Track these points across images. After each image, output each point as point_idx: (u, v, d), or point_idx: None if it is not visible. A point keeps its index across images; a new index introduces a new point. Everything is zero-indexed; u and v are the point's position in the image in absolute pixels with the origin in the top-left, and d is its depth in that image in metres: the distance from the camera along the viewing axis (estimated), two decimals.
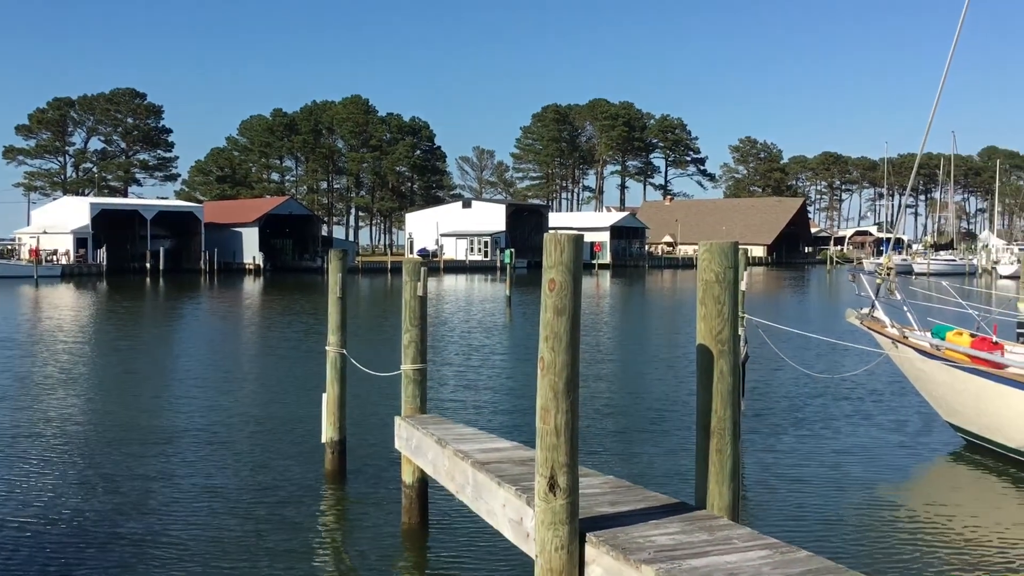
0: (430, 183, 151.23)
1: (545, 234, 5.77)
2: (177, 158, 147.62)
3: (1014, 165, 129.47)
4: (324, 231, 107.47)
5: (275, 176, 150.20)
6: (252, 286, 65.51)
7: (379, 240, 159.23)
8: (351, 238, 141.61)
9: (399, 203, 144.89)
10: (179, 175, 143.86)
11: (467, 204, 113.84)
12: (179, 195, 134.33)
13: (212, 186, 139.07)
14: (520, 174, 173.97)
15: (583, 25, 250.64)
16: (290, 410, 16.04)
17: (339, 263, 11.77)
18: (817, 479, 11.98)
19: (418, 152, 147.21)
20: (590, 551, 5.52)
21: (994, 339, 13.24)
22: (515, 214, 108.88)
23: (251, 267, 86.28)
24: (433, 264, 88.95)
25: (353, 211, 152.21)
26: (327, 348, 11.82)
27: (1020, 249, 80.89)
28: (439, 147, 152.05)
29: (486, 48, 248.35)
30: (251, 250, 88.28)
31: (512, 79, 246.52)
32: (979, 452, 13.29)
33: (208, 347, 26.75)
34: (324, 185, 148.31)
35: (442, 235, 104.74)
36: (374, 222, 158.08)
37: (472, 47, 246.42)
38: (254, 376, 20.76)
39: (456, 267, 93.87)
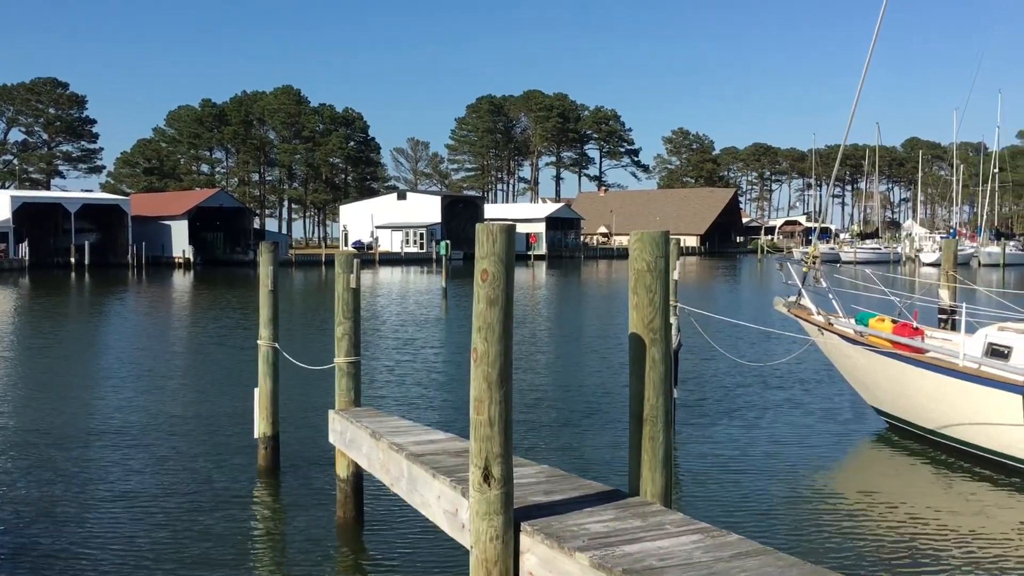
0: (364, 175, 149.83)
1: (477, 225, 5.76)
2: (102, 149, 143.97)
3: (935, 156, 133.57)
4: (256, 224, 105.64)
5: (205, 168, 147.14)
6: (182, 280, 64.13)
7: (313, 233, 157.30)
8: (284, 231, 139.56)
9: (333, 195, 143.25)
10: (104, 167, 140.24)
11: (402, 196, 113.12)
12: (104, 188, 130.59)
13: (139, 178, 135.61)
14: (455, 166, 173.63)
15: (517, 16, 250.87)
16: (221, 406, 15.76)
17: (270, 256, 11.59)
18: (748, 464, 12.22)
19: (352, 143, 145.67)
20: (525, 540, 5.54)
21: (914, 325, 13.65)
22: (450, 206, 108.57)
23: (181, 261, 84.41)
24: (368, 256, 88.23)
25: (286, 203, 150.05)
26: (259, 342, 11.64)
27: (942, 237, 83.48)
28: (373, 138, 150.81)
29: (420, 39, 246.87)
30: (180, 243, 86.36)
31: (446, 70, 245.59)
32: (901, 435, 13.70)
33: (134, 344, 26.10)
34: (256, 177, 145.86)
35: (377, 227, 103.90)
36: (308, 214, 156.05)
37: (406, 38, 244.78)
38: (183, 373, 20.33)
39: (391, 259, 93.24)
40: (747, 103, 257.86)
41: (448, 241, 69.35)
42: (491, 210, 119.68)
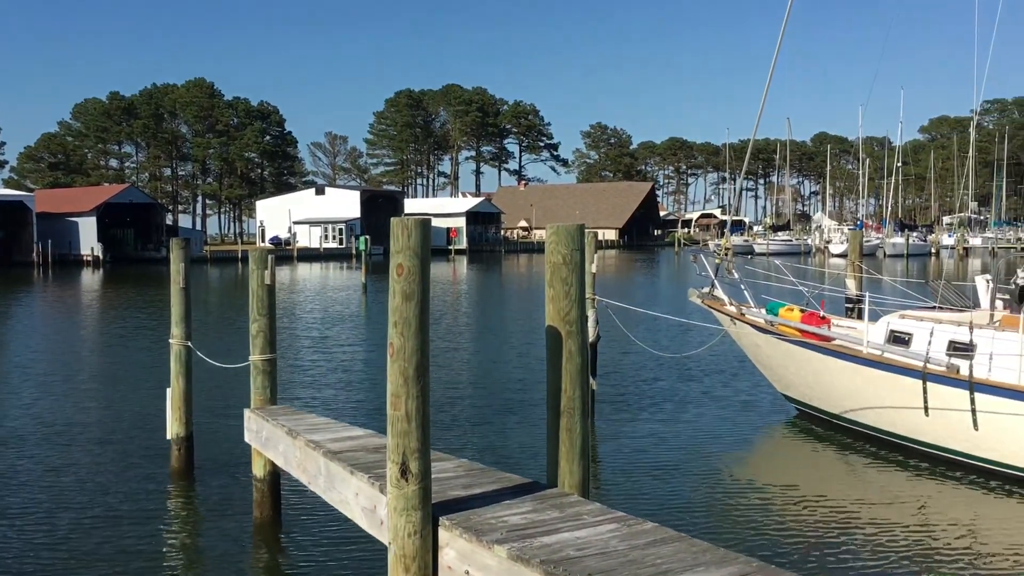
0: (281, 169, 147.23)
1: (392, 219, 5.72)
2: (3, 144, 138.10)
3: (843, 150, 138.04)
4: (169, 220, 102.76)
5: (114, 163, 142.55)
6: (90, 279, 62.01)
7: (229, 229, 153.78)
8: (198, 227, 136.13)
9: (249, 190, 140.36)
10: (6, 162, 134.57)
11: (320, 191, 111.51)
12: (7, 183, 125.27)
13: (44, 174, 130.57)
14: (374, 160, 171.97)
15: (435, 9, 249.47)
16: (131, 409, 15.31)
17: (181, 252, 11.31)
18: (665, 454, 12.46)
19: (268, 138, 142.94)
20: (443, 535, 5.54)
21: (821, 314, 14.10)
22: (370, 200, 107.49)
23: (89, 259, 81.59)
24: (286, 252, 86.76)
25: (200, 199, 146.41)
26: (170, 341, 11.35)
27: (849, 229, 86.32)
28: (290, 132, 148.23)
29: (337, 31, 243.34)
30: (89, 241, 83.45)
31: (364, 64, 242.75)
32: (810, 420, 14.15)
33: (40, 345, 25.16)
34: (168, 172, 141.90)
35: (295, 223, 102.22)
36: (223, 210, 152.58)
37: (322, 30, 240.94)
38: (92, 374, 19.69)
39: (310, 255, 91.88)
40: (663, 98, 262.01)
41: (368, 236, 68.56)
42: (411, 205, 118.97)
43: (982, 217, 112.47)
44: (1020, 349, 10.74)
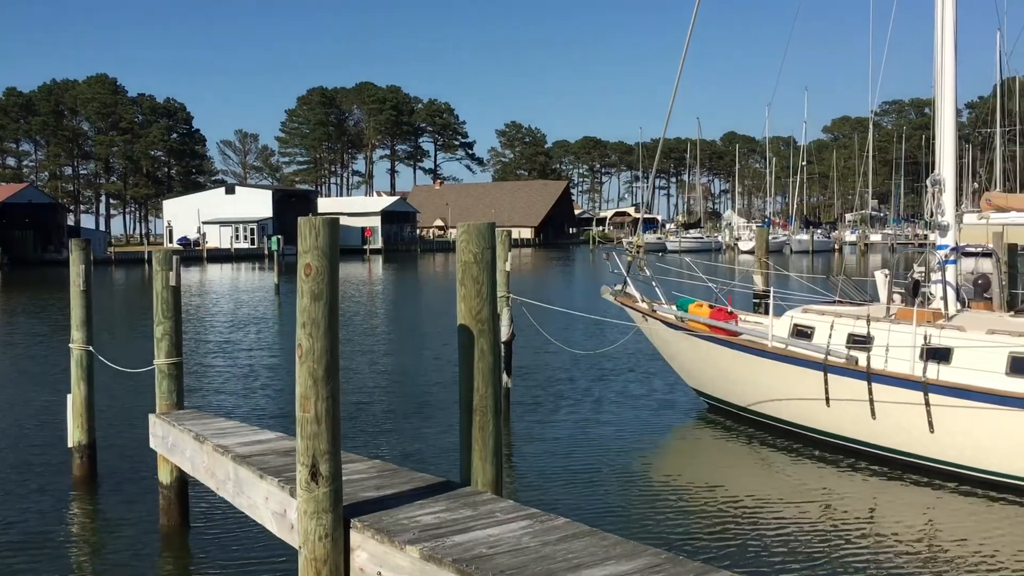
0: (189, 168, 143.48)
1: (300, 219, 5.65)
2: None
3: (751, 149, 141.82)
4: (71, 220, 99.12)
5: (11, 161, 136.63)
6: None
7: (135, 229, 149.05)
8: (102, 227, 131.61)
9: (155, 189, 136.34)
10: None
11: (231, 190, 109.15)
12: None
13: None
14: (287, 158, 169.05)
15: (347, 6, 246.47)
16: (31, 415, 14.73)
17: (81, 253, 10.93)
18: (579, 449, 12.60)
19: (174, 135, 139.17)
20: (355, 537, 5.49)
21: (729, 309, 14.47)
22: (282, 199, 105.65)
23: None
24: (195, 253, 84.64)
25: (104, 199, 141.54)
26: (71, 346, 10.96)
27: (757, 226, 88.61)
28: (198, 130, 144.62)
29: (246, 27, 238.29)
30: None
31: (275, 60, 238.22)
32: (720, 414, 14.49)
33: None
34: (69, 171, 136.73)
35: (204, 223, 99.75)
36: (128, 210, 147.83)
37: (231, 25, 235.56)
38: None
39: (221, 256, 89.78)
40: (577, 97, 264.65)
41: (280, 236, 67.30)
42: (325, 204, 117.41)
43: (882, 214, 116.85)
44: (913, 340, 11.20)
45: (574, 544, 5.12)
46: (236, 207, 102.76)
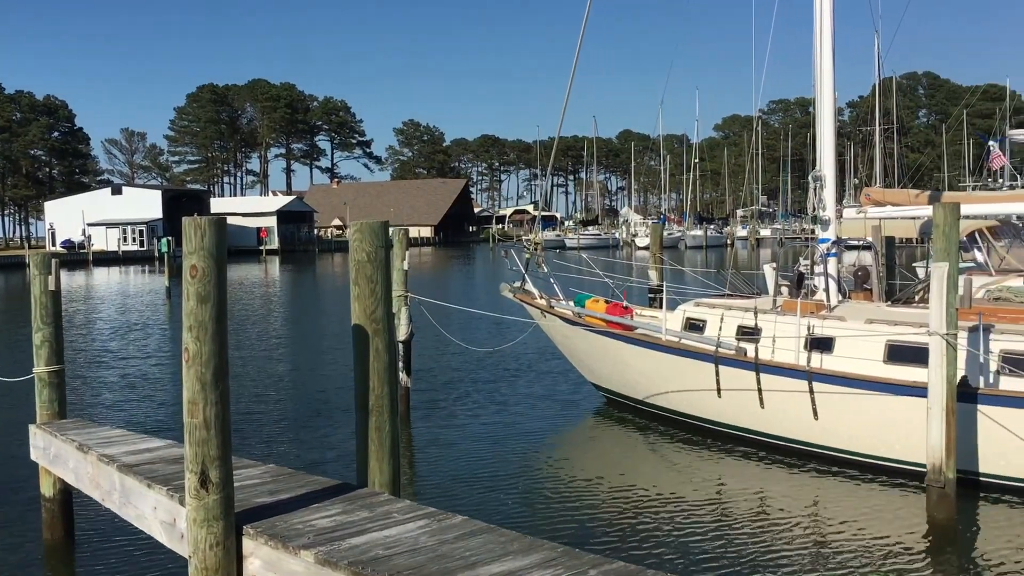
0: (72, 168, 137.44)
1: (184, 219, 5.49)
2: None
3: (646, 147, 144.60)
4: None
5: None
6: None
7: (14, 232, 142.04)
8: None
9: (36, 190, 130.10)
10: None
11: (117, 190, 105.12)
12: None
13: None
14: (177, 158, 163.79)
15: (238, 1, 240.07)
16: None
17: None
18: (477, 447, 12.64)
19: (56, 134, 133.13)
20: (248, 544, 5.38)
21: (625, 304, 14.74)
22: (173, 200, 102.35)
23: None
24: (80, 256, 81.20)
25: None
26: None
27: (653, 223, 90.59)
28: (81, 128, 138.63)
29: (131, 22, 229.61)
30: None
31: (163, 56, 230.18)
32: (618, 407, 14.75)
33: None
34: None
35: (90, 224, 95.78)
36: (7, 212, 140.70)
37: (115, 20, 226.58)
38: None
39: (108, 259, 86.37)
40: (475, 96, 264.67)
41: (171, 238, 65.18)
42: (218, 204, 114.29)
43: (771, 210, 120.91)
44: (798, 331, 11.64)
45: (471, 542, 5.14)
46: (123, 208, 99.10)
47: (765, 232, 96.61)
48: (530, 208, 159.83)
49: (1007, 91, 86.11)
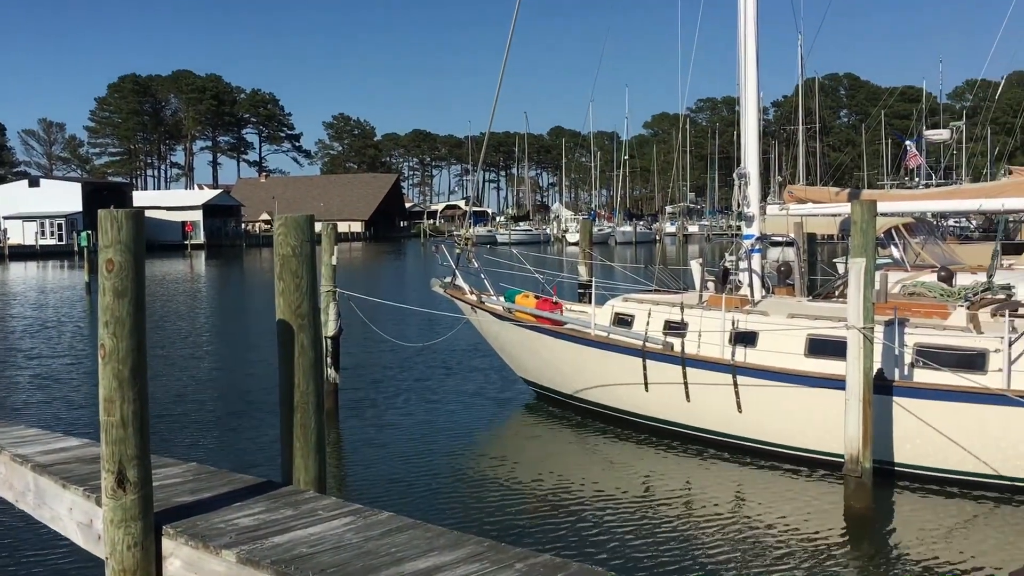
0: None
1: (100, 212, 5.35)
2: None
3: (576, 144, 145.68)
4: None
5: None
6: None
7: None
8: None
9: None
10: None
11: (34, 182, 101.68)
12: None
13: None
14: (98, 150, 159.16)
15: None
16: None
17: None
18: (407, 443, 12.58)
19: None
20: (167, 544, 5.26)
21: (554, 299, 14.83)
22: (94, 193, 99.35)
23: None
24: None
25: None
26: None
27: (583, 218, 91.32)
28: None
29: (50, 9, 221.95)
30: None
31: (83, 45, 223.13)
32: (547, 401, 14.83)
33: None
34: None
35: (5, 218, 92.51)
36: None
37: (33, 7, 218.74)
38: None
39: (24, 253, 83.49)
40: (406, 90, 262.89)
41: (91, 232, 63.34)
42: (141, 197, 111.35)
43: (699, 206, 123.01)
44: (723, 326, 11.86)
45: (398, 538, 5.11)
46: (41, 201, 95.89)
47: (693, 228, 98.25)
48: (461, 204, 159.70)
49: (923, 92, 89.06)
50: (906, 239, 16.06)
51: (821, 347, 11.01)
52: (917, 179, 53.43)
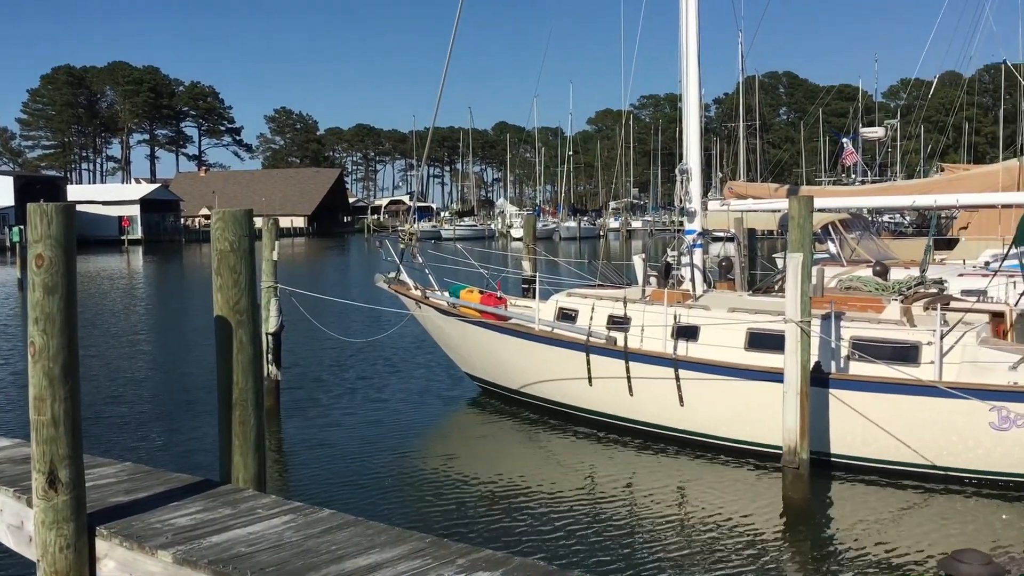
0: None
1: (29, 205, 5.20)
2: None
3: (521, 139, 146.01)
4: None
5: None
6: None
7: None
8: None
9: None
10: None
11: None
12: None
13: None
14: (30, 143, 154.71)
15: None
16: None
17: None
18: (350, 440, 12.48)
19: None
20: (101, 545, 5.15)
21: (499, 294, 14.84)
22: (26, 186, 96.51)
23: None
24: None
25: None
26: None
27: (527, 214, 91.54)
28: None
29: None
30: None
31: (15, 35, 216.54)
32: (493, 397, 14.84)
33: None
34: None
35: None
36: None
37: None
38: None
39: None
40: (349, 84, 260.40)
41: (23, 227, 61.67)
42: (76, 191, 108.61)
43: (642, 202, 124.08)
44: (665, 320, 11.98)
45: (339, 535, 5.07)
46: None
47: (636, 224, 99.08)
48: (406, 199, 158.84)
49: (859, 91, 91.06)
50: (842, 234, 16.40)
51: (760, 341, 11.20)
52: (853, 176, 54.66)
